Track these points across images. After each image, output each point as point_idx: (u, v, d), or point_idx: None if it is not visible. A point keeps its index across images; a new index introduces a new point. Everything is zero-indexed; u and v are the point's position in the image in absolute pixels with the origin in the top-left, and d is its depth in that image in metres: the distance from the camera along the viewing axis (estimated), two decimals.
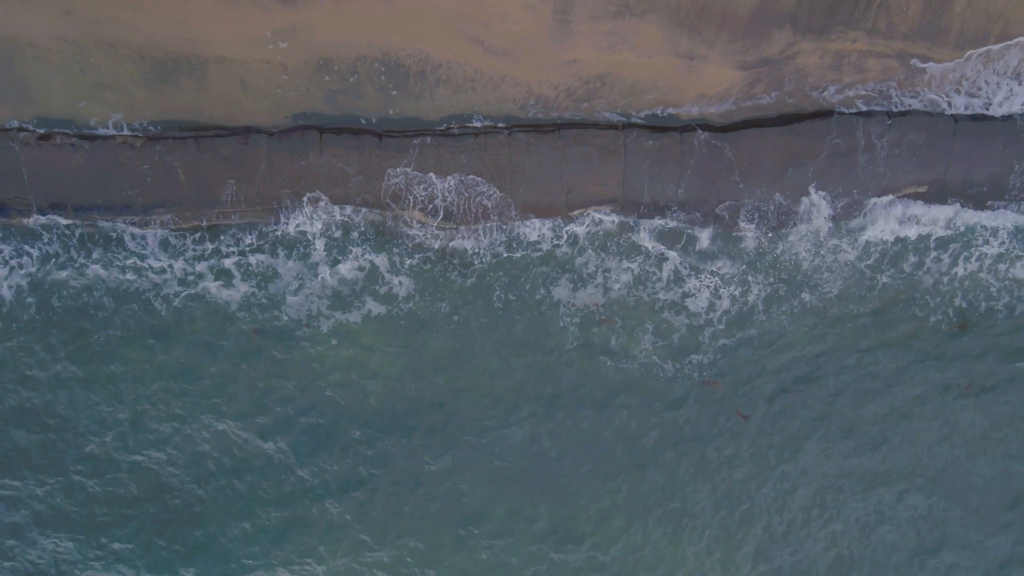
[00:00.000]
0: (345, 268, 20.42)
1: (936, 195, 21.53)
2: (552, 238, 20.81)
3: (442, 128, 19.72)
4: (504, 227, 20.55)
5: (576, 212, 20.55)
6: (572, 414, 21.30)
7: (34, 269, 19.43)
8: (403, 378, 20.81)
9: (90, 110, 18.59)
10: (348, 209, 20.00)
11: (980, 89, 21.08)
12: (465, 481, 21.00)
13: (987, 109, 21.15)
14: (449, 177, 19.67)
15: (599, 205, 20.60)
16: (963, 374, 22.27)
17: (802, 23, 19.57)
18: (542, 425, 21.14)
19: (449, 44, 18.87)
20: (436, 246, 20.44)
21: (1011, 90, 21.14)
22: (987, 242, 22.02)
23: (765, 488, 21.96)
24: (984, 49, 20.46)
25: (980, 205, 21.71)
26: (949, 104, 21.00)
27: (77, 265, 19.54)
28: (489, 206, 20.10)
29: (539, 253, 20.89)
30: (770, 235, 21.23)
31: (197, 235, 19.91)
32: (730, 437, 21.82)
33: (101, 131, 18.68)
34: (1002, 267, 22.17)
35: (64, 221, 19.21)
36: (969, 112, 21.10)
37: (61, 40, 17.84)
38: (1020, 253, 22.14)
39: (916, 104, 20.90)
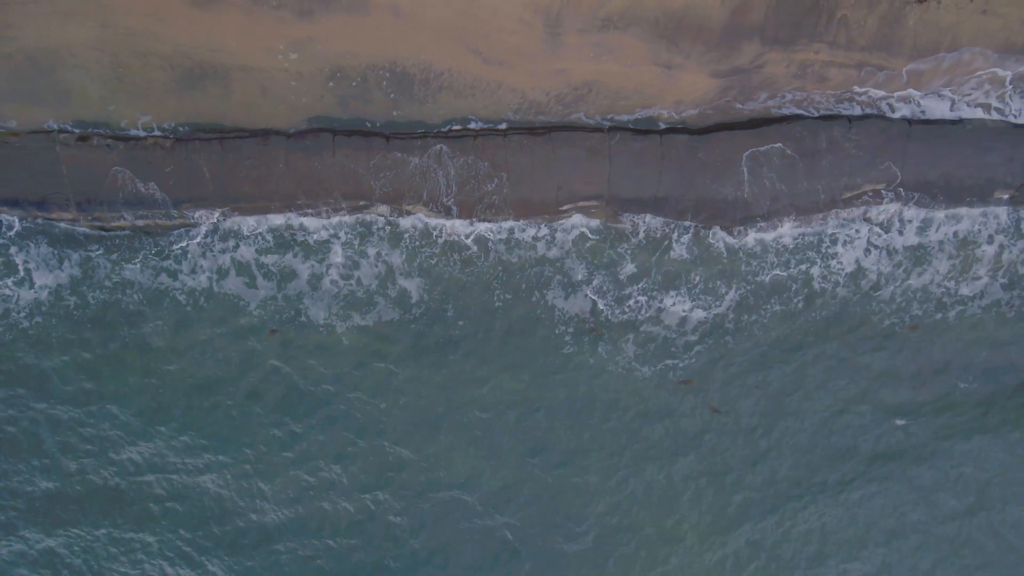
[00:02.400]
0: (359, 266, 21.83)
1: (894, 194, 23.37)
2: (546, 239, 22.46)
3: (443, 130, 21.35)
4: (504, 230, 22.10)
5: (566, 207, 22.26)
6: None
7: (69, 270, 20.79)
8: (410, 375, 22.31)
9: (121, 113, 20.14)
10: (358, 205, 21.49)
11: (926, 96, 23.07)
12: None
13: (923, 113, 23.10)
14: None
15: (586, 201, 22.25)
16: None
17: (770, 36, 21.45)
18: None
19: (451, 54, 20.57)
20: (441, 244, 22.04)
21: (956, 96, 23.12)
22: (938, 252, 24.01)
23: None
24: (928, 59, 22.45)
25: (935, 204, 23.67)
26: (891, 108, 22.91)
27: (105, 265, 21.02)
28: (487, 203, 21.78)
29: (535, 255, 22.48)
30: (738, 233, 22.96)
31: (217, 234, 21.29)
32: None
33: (132, 132, 20.21)
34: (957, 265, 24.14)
35: (100, 218, 20.77)
36: (917, 117, 23.05)
37: (98, 50, 19.44)
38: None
39: (858, 109, 22.77)
